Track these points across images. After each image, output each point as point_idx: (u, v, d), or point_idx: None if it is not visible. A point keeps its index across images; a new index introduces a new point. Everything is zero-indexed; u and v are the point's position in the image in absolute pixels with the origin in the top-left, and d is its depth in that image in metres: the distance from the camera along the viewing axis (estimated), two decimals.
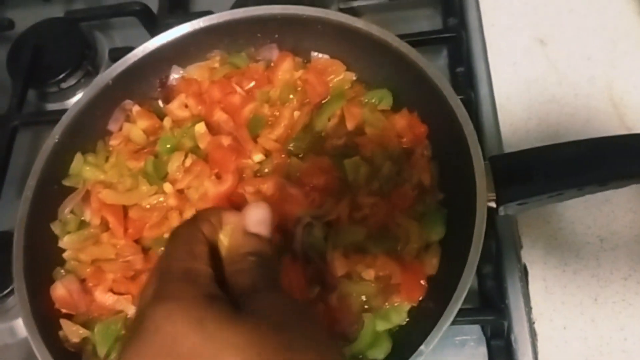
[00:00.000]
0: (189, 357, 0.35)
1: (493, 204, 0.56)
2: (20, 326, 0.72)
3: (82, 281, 0.62)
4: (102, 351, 0.58)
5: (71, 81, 0.85)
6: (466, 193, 0.56)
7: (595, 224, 0.68)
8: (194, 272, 0.40)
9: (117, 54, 0.77)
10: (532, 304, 0.64)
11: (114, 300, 0.60)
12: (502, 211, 0.57)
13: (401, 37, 0.65)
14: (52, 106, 0.86)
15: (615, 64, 0.77)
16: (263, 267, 0.42)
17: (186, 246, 0.42)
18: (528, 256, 0.67)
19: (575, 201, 0.68)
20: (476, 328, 0.64)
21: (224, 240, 0.44)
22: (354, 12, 0.83)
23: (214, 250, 0.44)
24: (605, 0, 0.82)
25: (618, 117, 0.74)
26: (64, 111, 0.67)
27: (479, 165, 0.56)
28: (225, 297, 0.39)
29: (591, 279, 0.65)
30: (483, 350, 0.63)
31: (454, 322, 0.52)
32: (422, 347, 0.50)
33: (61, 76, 0.84)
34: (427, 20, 0.85)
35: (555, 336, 0.63)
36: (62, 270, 0.63)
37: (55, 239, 0.64)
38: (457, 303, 0.52)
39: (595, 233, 0.68)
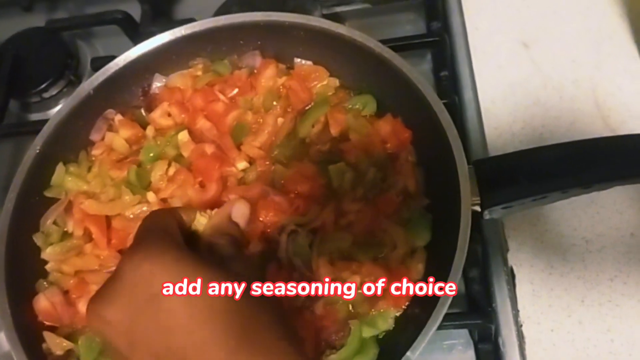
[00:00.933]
0: (162, 295, 0.37)
1: (478, 208, 0.56)
2: (3, 340, 0.71)
3: (66, 293, 0.61)
4: None
5: (53, 91, 0.85)
6: (451, 198, 0.56)
7: (581, 226, 0.68)
8: (168, 231, 0.44)
9: (100, 63, 0.76)
10: (520, 307, 0.64)
11: None
12: (487, 215, 0.57)
13: (384, 42, 0.64)
14: (34, 116, 0.86)
15: (599, 66, 0.77)
16: (235, 247, 0.49)
17: (160, 219, 0.46)
18: (515, 259, 0.67)
19: (560, 203, 0.68)
20: (464, 332, 0.64)
21: (202, 219, 0.51)
22: (337, 17, 0.83)
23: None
24: (588, 3, 0.82)
25: (602, 119, 0.74)
26: (46, 121, 0.67)
27: (463, 170, 0.55)
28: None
29: (578, 281, 0.65)
30: (471, 354, 0.63)
31: (441, 327, 0.51)
32: (408, 353, 0.50)
33: (43, 86, 0.83)
34: (410, 25, 0.85)
35: (543, 339, 0.63)
36: (45, 282, 0.62)
37: (37, 250, 0.63)
38: (442, 308, 0.51)
39: (581, 235, 0.68)
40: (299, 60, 0.70)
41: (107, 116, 0.69)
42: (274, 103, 0.67)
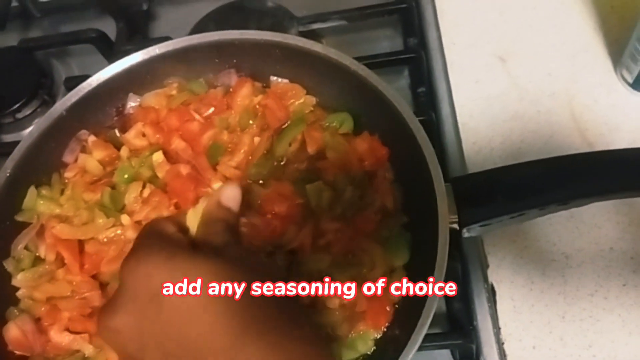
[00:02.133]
0: (160, 295, 0.38)
1: (456, 226, 0.55)
2: None
3: (37, 320, 0.59)
4: None
5: (27, 111, 0.83)
6: (429, 216, 0.55)
7: (560, 241, 0.68)
8: (162, 234, 0.45)
9: (73, 82, 0.75)
10: (501, 324, 0.64)
11: (70, 340, 0.58)
12: (465, 233, 0.56)
13: (361, 59, 0.64)
14: (7, 137, 0.84)
15: (575, 79, 0.78)
16: (231, 233, 0.49)
17: (154, 226, 0.47)
18: (495, 275, 0.67)
19: (540, 219, 0.68)
20: (446, 352, 0.63)
21: (193, 215, 0.50)
22: (314, 34, 0.83)
23: None
24: (563, 17, 0.83)
25: (579, 132, 0.74)
26: (16, 144, 0.65)
27: (440, 188, 0.55)
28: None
29: (558, 297, 0.65)
30: None
31: (421, 348, 0.51)
32: None
33: (16, 106, 0.82)
34: (387, 41, 0.85)
35: (525, 356, 0.63)
36: (16, 310, 0.60)
37: (8, 277, 0.61)
38: (422, 329, 0.50)
39: (560, 250, 0.68)
40: (275, 78, 0.69)
41: (80, 137, 0.68)
42: (250, 122, 0.66)
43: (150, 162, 0.64)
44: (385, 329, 0.56)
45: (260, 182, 0.63)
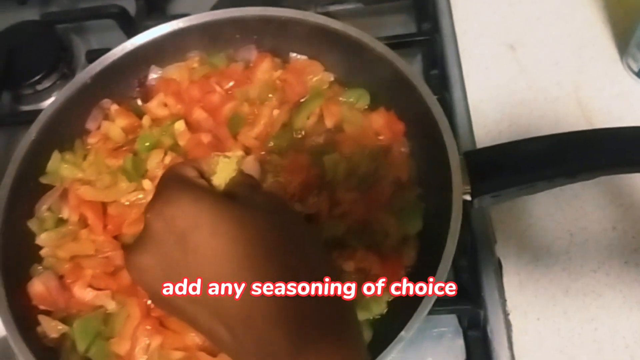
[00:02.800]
0: (188, 230, 0.38)
1: (468, 197, 0.57)
2: None
3: (61, 277, 0.61)
4: (81, 347, 0.57)
5: (46, 83, 0.85)
6: (442, 187, 0.58)
7: (565, 220, 0.70)
8: (185, 177, 0.44)
9: (94, 55, 0.76)
10: (507, 296, 0.66)
11: (94, 296, 0.59)
12: (476, 203, 0.59)
13: (377, 39, 0.66)
14: (26, 108, 0.86)
15: (581, 70, 0.80)
16: (254, 188, 0.49)
17: (176, 169, 0.46)
18: (502, 251, 0.69)
19: (545, 198, 0.71)
20: (453, 320, 0.65)
21: (224, 164, 0.49)
22: (330, 16, 0.85)
23: None
24: (571, 10, 0.85)
25: (585, 120, 0.77)
26: (38, 112, 0.67)
27: (455, 159, 0.57)
28: None
29: (562, 273, 0.67)
30: (460, 342, 0.65)
31: (432, 312, 0.53)
32: (402, 332, 0.51)
33: (36, 78, 0.84)
34: (401, 26, 0.87)
35: (530, 328, 0.65)
36: (40, 267, 0.62)
37: (32, 236, 0.63)
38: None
39: (565, 228, 0.70)
40: (294, 54, 0.71)
41: (103, 106, 0.69)
42: (270, 95, 0.68)
43: (172, 131, 0.66)
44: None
45: (279, 153, 0.65)
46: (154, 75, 0.71)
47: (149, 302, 0.58)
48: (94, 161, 0.66)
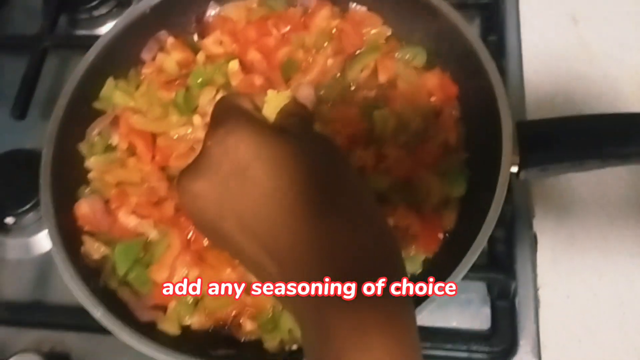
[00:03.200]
0: (249, 161, 0.38)
1: (515, 168, 0.57)
2: (36, 243, 0.74)
3: (106, 202, 0.63)
4: (121, 270, 0.59)
5: (103, 10, 0.85)
6: (490, 155, 0.57)
7: (607, 203, 0.69)
8: (243, 107, 0.44)
9: None
10: (538, 271, 0.66)
11: (137, 223, 0.61)
12: (522, 175, 0.58)
13: None
14: (81, 32, 0.86)
15: None
16: (307, 125, 0.48)
17: (234, 100, 0.45)
18: (539, 225, 0.68)
19: (589, 178, 0.70)
20: (482, 288, 0.65)
21: (274, 98, 0.49)
22: None
23: None
24: None
25: None
26: (94, 37, 0.68)
27: (507, 129, 0.57)
28: None
29: (598, 255, 0.67)
30: (486, 311, 0.65)
31: (464, 277, 0.53)
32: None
33: (94, 3, 0.84)
34: None
35: (557, 304, 0.65)
36: (87, 190, 0.64)
37: (81, 159, 0.65)
38: (472, 257, 0.53)
39: (606, 211, 0.69)
40: (354, 4, 0.70)
41: (160, 37, 0.70)
42: (325, 44, 0.68)
43: (225, 70, 0.67)
44: (434, 254, 0.59)
45: (329, 103, 0.65)
46: (212, 11, 0.71)
47: (190, 233, 0.60)
48: (146, 92, 0.67)
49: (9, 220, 0.73)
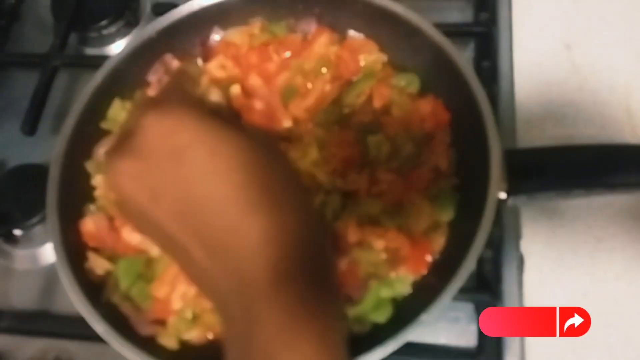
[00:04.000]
0: (188, 144, 0.37)
1: (504, 195, 0.59)
2: (43, 254, 0.76)
3: (111, 219, 0.65)
4: (123, 285, 0.62)
5: (112, 29, 0.88)
6: (479, 181, 0.59)
7: (595, 225, 0.71)
8: (188, 94, 0.44)
9: (160, 9, 0.80)
10: (525, 292, 0.68)
11: (139, 241, 0.63)
12: (510, 202, 0.60)
13: (435, 27, 0.67)
14: (90, 51, 0.89)
15: (637, 76, 0.80)
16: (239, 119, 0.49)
17: (180, 83, 0.46)
18: (527, 247, 0.70)
19: (578, 201, 0.72)
20: (469, 307, 0.68)
21: None
22: None
23: None
24: (637, 14, 0.84)
25: (631, 128, 0.77)
26: (103, 57, 0.70)
27: (496, 157, 0.59)
28: None
29: (585, 276, 0.69)
30: (474, 328, 0.67)
31: (453, 299, 0.56)
32: (423, 316, 0.54)
33: (103, 23, 0.87)
34: (458, 12, 0.86)
35: None
36: (93, 207, 0.66)
37: (88, 177, 0.68)
38: (460, 280, 0.55)
39: (593, 233, 0.71)
40: (352, 32, 0.72)
41: (165, 60, 0.72)
42: (324, 70, 0.70)
43: (227, 94, 0.69)
44: (423, 276, 0.61)
45: (326, 127, 0.67)
46: (216, 36, 0.74)
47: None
48: None
49: (17, 232, 0.76)
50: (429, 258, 0.62)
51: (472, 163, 0.63)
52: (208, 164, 0.37)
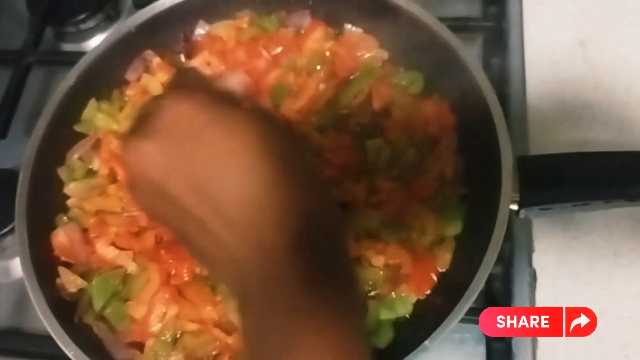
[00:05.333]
0: (207, 125, 0.38)
1: (515, 206, 0.54)
2: (16, 267, 0.70)
3: (84, 231, 0.61)
4: (97, 304, 0.57)
5: (90, 23, 0.83)
6: (489, 191, 0.55)
7: (612, 238, 0.66)
8: (203, 81, 0.44)
9: (142, 1, 0.74)
10: None
11: (115, 255, 0.59)
12: (522, 214, 0.55)
13: (439, 19, 0.62)
14: (68, 46, 0.84)
15: None
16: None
17: (193, 73, 0.46)
18: (539, 261, 0.65)
19: (595, 212, 0.67)
20: (477, 327, 0.63)
21: None
22: None
23: None
24: None
25: None
26: (80, 53, 0.66)
27: (507, 164, 0.54)
28: None
29: (601, 292, 0.64)
30: (481, 350, 0.62)
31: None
32: (426, 342, 0.49)
33: (81, 17, 0.81)
34: (465, 5, 0.82)
35: (557, 346, 0.62)
36: (65, 218, 0.62)
37: (60, 184, 0.63)
38: (467, 302, 0.51)
39: (611, 247, 0.66)
40: (349, 26, 0.68)
41: (145, 57, 0.68)
42: (318, 67, 0.66)
43: None
44: (426, 296, 0.56)
45: (321, 130, 0.63)
46: (200, 30, 0.70)
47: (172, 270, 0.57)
48: (130, 113, 0.65)
49: None
50: (433, 276, 0.57)
51: (480, 171, 0.58)
52: (226, 142, 0.38)
